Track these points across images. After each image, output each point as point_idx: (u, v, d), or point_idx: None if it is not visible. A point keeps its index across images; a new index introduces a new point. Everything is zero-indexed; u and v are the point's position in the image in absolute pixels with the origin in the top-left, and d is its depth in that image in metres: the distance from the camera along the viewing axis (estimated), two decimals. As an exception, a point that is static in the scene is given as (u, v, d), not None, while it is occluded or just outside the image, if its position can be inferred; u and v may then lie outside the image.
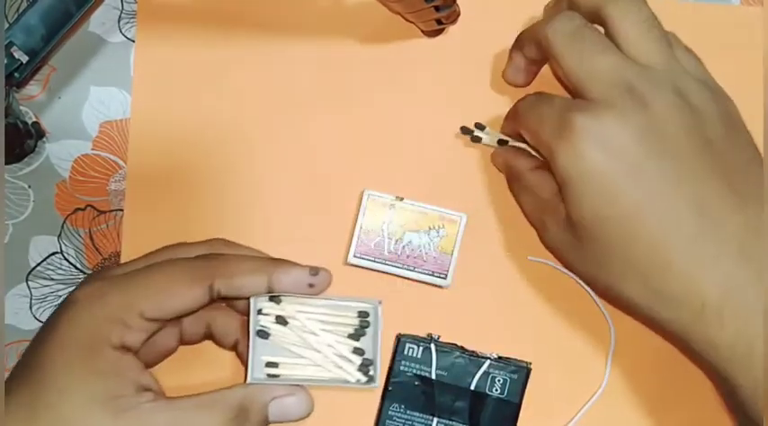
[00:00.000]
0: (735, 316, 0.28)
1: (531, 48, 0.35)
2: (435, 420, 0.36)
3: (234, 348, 0.35)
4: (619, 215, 0.29)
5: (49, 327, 0.30)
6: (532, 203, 0.35)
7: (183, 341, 0.34)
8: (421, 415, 0.36)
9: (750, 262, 0.28)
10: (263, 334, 0.32)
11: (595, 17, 0.32)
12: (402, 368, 0.36)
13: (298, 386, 0.32)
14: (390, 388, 0.36)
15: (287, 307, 0.33)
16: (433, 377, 0.36)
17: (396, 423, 0.36)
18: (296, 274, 0.32)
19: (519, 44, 0.36)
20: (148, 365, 0.32)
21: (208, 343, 0.36)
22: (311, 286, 0.32)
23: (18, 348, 0.38)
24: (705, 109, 0.31)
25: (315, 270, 0.33)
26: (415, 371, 0.36)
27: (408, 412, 0.36)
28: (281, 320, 0.32)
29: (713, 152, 0.30)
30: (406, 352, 0.36)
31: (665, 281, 0.29)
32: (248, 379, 0.31)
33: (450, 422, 0.36)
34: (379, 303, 0.33)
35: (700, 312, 0.29)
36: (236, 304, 0.34)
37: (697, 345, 0.29)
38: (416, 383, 0.36)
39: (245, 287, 0.31)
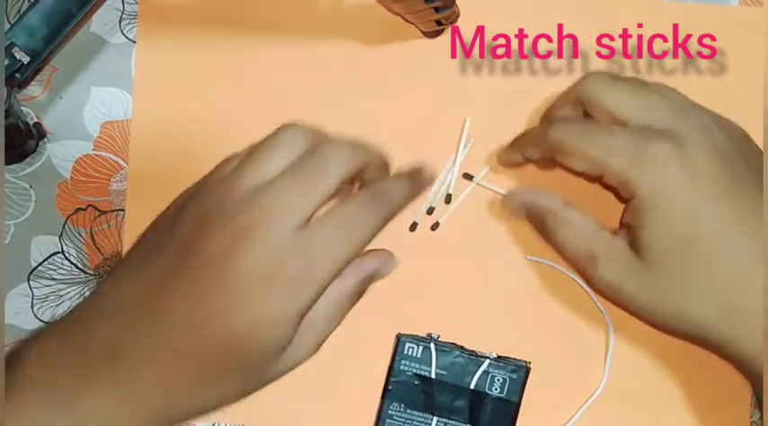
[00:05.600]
0: None
1: (568, 109, 0.35)
2: (435, 419, 0.36)
3: None
4: (705, 234, 0.30)
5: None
6: (576, 239, 0.34)
7: None
8: (421, 414, 0.36)
9: None
10: None
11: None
12: (402, 367, 0.36)
13: (384, 251, 0.34)
14: (390, 388, 0.36)
15: None
16: (433, 376, 0.36)
17: (396, 423, 0.36)
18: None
19: (549, 115, 0.37)
20: None
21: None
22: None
23: (20, 347, 0.38)
24: (743, 139, 0.33)
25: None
26: (414, 370, 0.36)
27: (408, 411, 0.36)
28: None
29: (757, 171, 0.32)
30: (405, 352, 0.36)
31: (744, 302, 0.30)
32: None
33: (450, 422, 0.36)
34: None
35: None
36: None
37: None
38: (416, 382, 0.36)
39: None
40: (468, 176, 0.38)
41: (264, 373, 0.30)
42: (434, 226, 0.38)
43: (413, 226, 0.38)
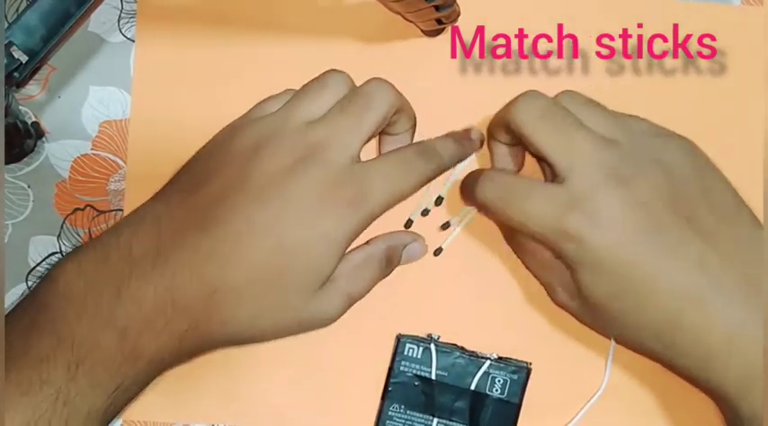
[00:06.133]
0: (738, 359, 0.30)
1: (503, 134, 0.36)
2: (435, 420, 0.36)
3: None
4: (630, 289, 0.31)
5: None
6: (534, 264, 0.36)
7: None
8: (421, 415, 0.36)
9: (751, 311, 0.30)
10: None
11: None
12: (402, 368, 0.36)
13: (415, 233, 0.38)
14: (390, 388, 0.36)
15: None
16: (433, 377, 0.36)
17: (396, 423, 0.36)
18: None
19: (490, 134, 0.37)
20: None
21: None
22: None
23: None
24: (676, 169, 0.32)
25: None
26: (415, 371, 0.36)
27: (408, 412, 0.36)
28: None
29: (691, 213, 0.32)
30: (406, 352, 0.36)
31: (676, 337, 0.31)
32: None
33: (450, 423, 0.36)
34: None
35: (707, 359, 0.31)
36: None
37: (707, 384, 0.32)
38: (416, 383, 0.36)
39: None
40: (446, 225, 0.38)
41: (299, 304, 0.32)
42: (437, 252, 0.38)
43: (407, 223, 0.38)
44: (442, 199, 0.38)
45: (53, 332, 0.28)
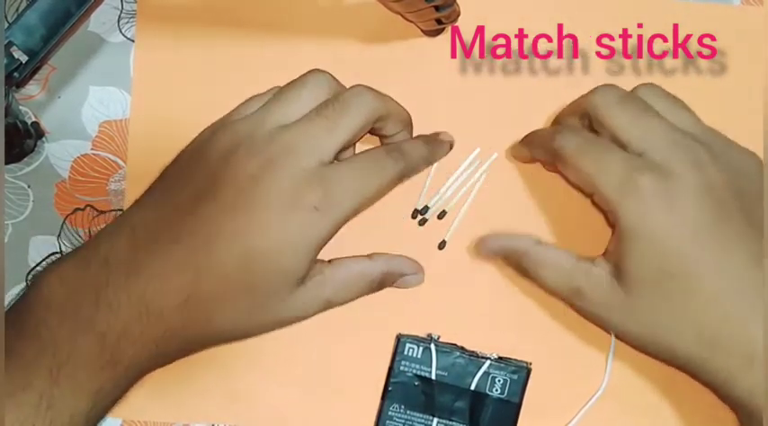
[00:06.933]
0: None
1: (576, 121, 0.36)
2: (435, 420, 0.36)
3: None
4: (682, 271, 0.30)
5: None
6: (556, 276, 0.34)
7: None
8: (421, 415, 0.36)
9: None
10: None
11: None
12: (402, 368, 0.36)
13: (417, 263, 0.37)
14: (390, 388, 0.36)
15: None
16: (433, 377, 0.36)
17: (396, 423, 0.36)
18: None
19: (560, 123, 0.37)
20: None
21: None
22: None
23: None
24: (743, 168, 0.33)
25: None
26: (415, 371, 0.36)
27: (408, 412, 0.36)
28: None
29: (751, 211, 0.31)
30: (406, 352, 0.36)
31: (721, 332, 0.30)
32: None
33: (450, 423, 0.36)
34: None
35: (749, 359, 0.30)
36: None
37: (740, 390, 0.31)
38: (416, 383, 0.36)
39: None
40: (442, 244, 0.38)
41: (275, 306, 0.32)
42: (441, 245, 0.38)
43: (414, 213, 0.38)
44: (428, 207, 0.38)
45: (36, 337, 0.29)
